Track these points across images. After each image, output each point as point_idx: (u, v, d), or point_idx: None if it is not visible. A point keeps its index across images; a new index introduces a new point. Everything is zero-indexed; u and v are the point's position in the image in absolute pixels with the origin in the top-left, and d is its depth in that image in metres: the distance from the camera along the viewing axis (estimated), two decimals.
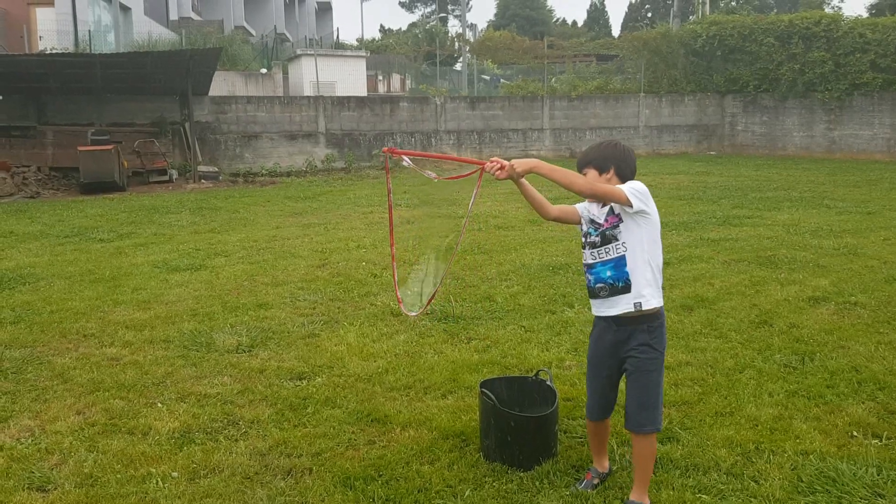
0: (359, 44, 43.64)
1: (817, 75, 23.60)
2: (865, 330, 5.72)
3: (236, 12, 44.92)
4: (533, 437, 3.70)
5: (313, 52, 27.10)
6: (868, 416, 4.18)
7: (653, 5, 64.42)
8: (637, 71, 27.36)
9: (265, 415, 4.38)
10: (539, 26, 59.82)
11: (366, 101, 23.85)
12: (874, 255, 8.38)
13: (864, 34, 22.80)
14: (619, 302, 3.21)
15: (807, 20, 24.14)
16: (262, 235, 10.69)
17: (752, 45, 24.84)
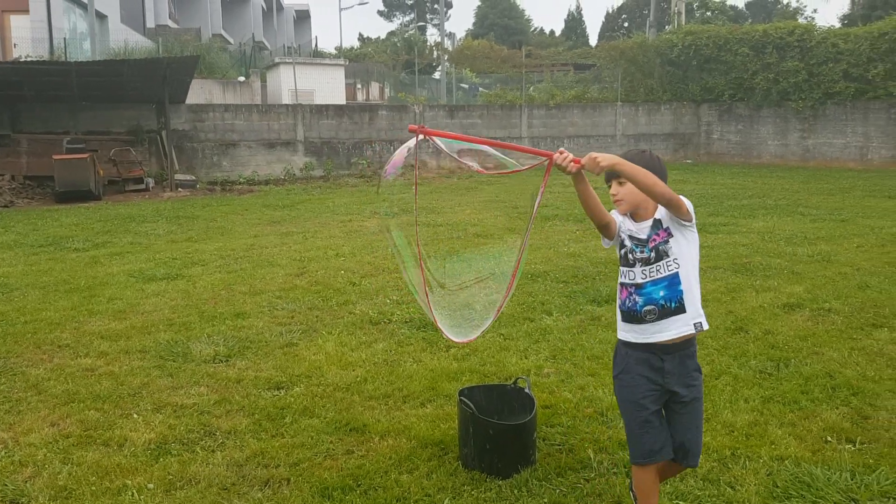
0: (337, 52, 43.64)
1: (791, 84, 23.92)
2: (839, 336, 5.79)
3: (214, 20, 44.76)
4: (512, 444, 3.71)
5: (291, 61, 27.06)
6: (842, 421, 4.23)
7: (629, 15, 65.01)
8: (614, 80, 27.58)
9: (242, 425, 4.35)
10: (517, 35, 60.13)
11: (344, 110, 23.84)
12: (847, 261, 8.49)
13: (837, 44, 23.15)
14: (671, 325, 2.91)
15: (781, 30, 24.47)
16: (240, 244, 10.63)
17: (727, 55, 25.13)
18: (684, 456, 3.03)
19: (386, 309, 6.88)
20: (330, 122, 22.95)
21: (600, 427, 4.22)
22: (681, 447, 3.01)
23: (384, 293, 7.48)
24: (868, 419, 4.27)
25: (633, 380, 2.97)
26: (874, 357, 5.30)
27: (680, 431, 3.01)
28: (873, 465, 3.69)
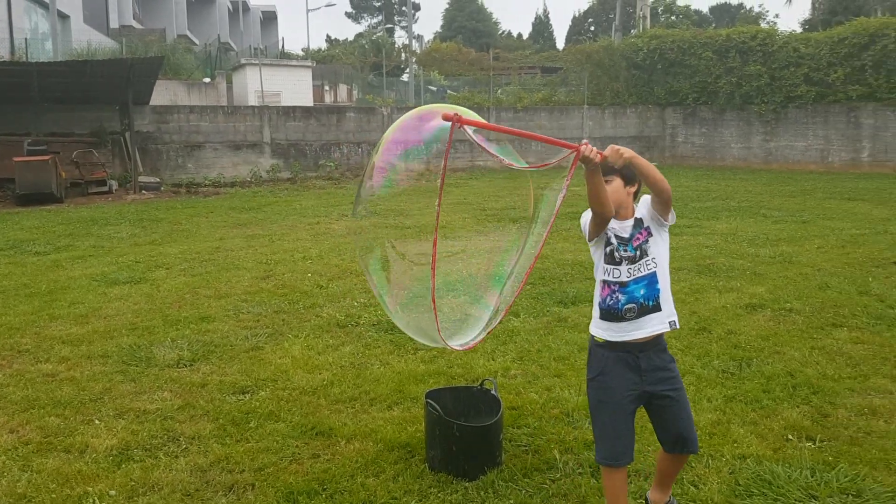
0: (304, 53, 43.39)
1: (754, 88, 24.29)
2: (800, 336, 5.89)
3: (179, 21, 44.30)
4: (478, 446, 3.72)
5: (258, 62, 26.85)
6: (802, 419, 4.30)
7: (596, 19, 65.59)
8: (581, 83, 27.78)
9: (206, 430, 4.30)
10: (485, 38, 60.34)
11: (312, 112, 23.72)
12: (808, 262, 8.64)
13: (798, 49, 23.57)
14: (648, 323, 2.99)
15: (743, 35, 24.84)
16: (205, 247, 10.52)
17: (691, 59, 25.45)
18: (684, 445, 3.09)
19: (353, 312, 6.85)
20: (297, 124, 22.83)
21: (566, 428, 4.25)
22: (678, 438, 3.07)
23: (352, 296, 7.45)
24: (828, 417, 4.35)
25: (612, 381, 3.01)
26: (834, 356, 5.40)
27: (673, 423, 3.07)
28: (833, 463, 3.75)
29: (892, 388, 4.77)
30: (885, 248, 9.50)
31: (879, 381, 4.90)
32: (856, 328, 6.06)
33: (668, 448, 3.15)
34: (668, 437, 3.10)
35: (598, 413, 3.07)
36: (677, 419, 3.07)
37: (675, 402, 3.06)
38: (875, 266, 8.41)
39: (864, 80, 22.34)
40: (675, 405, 3.06)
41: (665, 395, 3.03)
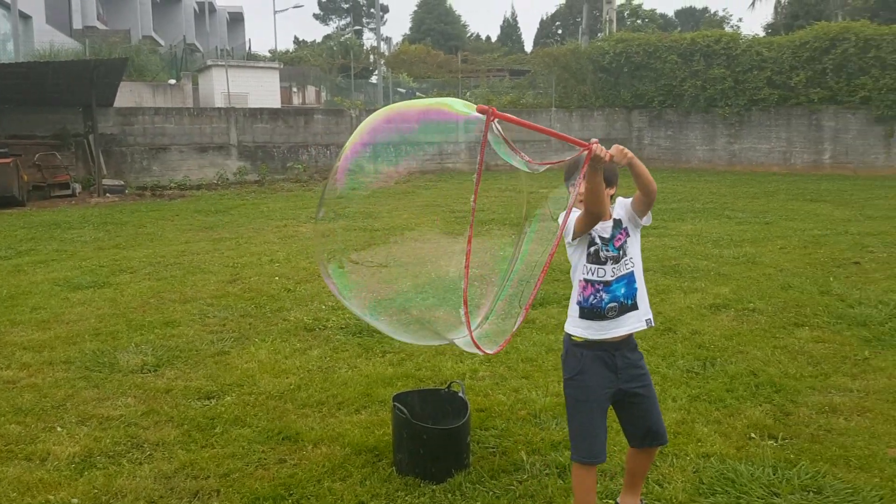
0: (272, 55, 43.11)
1: (718, 91, 24.63)
2: (763, 335, 5.98)
3: (144, 22, 43.76)
4: (445, 449, 3.72)
5: (224, 63, 26.63)
6: (765, 418, 4.37)
7: (563, 22, 66.05)
8: (549, 86, 27.96)
9: (171, 436, 4.25)
10: (454, 41, 60.46)
11: (279, 113, 23.57)
12: (771, 263, 8.78)
13: (761, 52, 23.95)
14: (626, 321, 3.06)
15: (708, 38, 25.19)
16: (170, 251, 10.39)
17: (656, 62, 25.74)
18: (654, 438, 3.18)
19: (321, 315, 6.82)
20: (265, 126, 22.67)
21: (533, 429, 4.27)
22: (648, 432, 3.17)
23: (319, 299, 7.41)
24: (790, 415, 4.43)
25: (590, 380, 3.06)
26: (796, 355, 5.49)
27: (644, 418, 3.16)
28: (794, 460, 3.82)
29: (851, 386, 4.86)
30: (846, 248, 9.68)
31: (840, 379, 4.99)
32: (817, 327, 6.17)
33: (637, 443, 3.22)
34: (639, 431, 3.17)
35: (576, 412, 3.12)
36: (648, 414, 3.16)
37: (646, 399, 3.15)
38: (836, 266, 8.58)
39: (826, 84, 22.78)
40: (645, 401, 3.15)
41: (637, 392, 3.12)
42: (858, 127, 22.80)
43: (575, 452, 3.12)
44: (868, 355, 5.45)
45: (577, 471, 3.14)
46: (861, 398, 4.66)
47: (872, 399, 4.63)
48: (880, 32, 21.94)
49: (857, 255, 9.17)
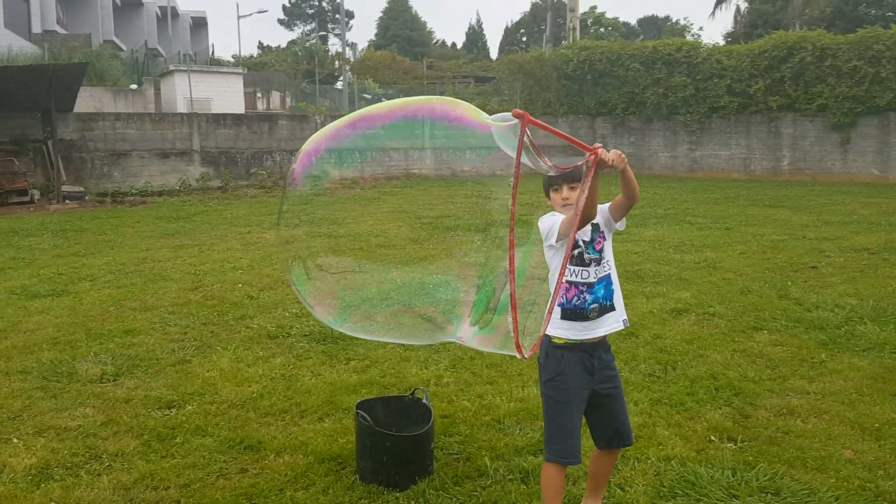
0: (235, 60, 42.78)
1: (679, 99, 24.99)
2: (722, 339, 6.08)
3: (105, 26, 43.12)
4: (409, 456, 3.71)
5: (187, 68, 26.36)
6: (724, 420, 4.43)
7: (528, 29, 66.55)
8: (514, 93, 28.11)
9: (130, 447, 4.18)
10: (419, 47, 60.58)
11: (243, 119, 23.38)
12: (731, 268, 8.92)
13: (721, 60, 24.36)
14: (605, 322, 3.14)
15: (669, 47, 25.55)
16: (131, 258, 10.24)
17: (619, 70, 26.04)
18: (621, 439, 3.26)
19: (285, 322, 6.77)
20: (228, 132, 22.46)
21: (497, 434, 4.28)
22: (616, 433, 3.24)
23: (283, 306, 7.36)
24: (748, 418, 4.50)
25: (570, 381, 3.11)
26: (755, 358, 5.58)
27: (614, 419, 3.22)
28: (753, 462, 3.88)
29: (809, 388, 4.96)
30: (804, 253, 9.88)
31: (797, 382, 5.08)
32: (775, 331, 6.29)
33: (604, 444, 3.27)
34: (607, 432, 3.23)
35: (556, 413, 3.15)
36: (618, 415, 3.23)
37: (616, 400, 3.23)
38: (794, 271, 8.74)
39: (784, 92, 23.23)
40: (616, 402, 3.23)
41: (609, 392, 3.19)
42: (816, 134, 23.28)
43: (551, 453, 3.15)
44: (825, 358, 5.56)
45: (550, 471, 3.16)
46: (818, 400, 4.75)
47: (829, 401, 4.73)
48: (836, 42, 22.45)
49: (815, 260, 9.36)
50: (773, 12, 35.23)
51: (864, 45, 21.81)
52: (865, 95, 21.91)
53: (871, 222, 12.73)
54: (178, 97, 25.30)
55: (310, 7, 72.16)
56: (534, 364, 5.48)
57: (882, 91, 21.64)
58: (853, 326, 6.29)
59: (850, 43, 22.11)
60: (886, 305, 6.95)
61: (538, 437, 4.21)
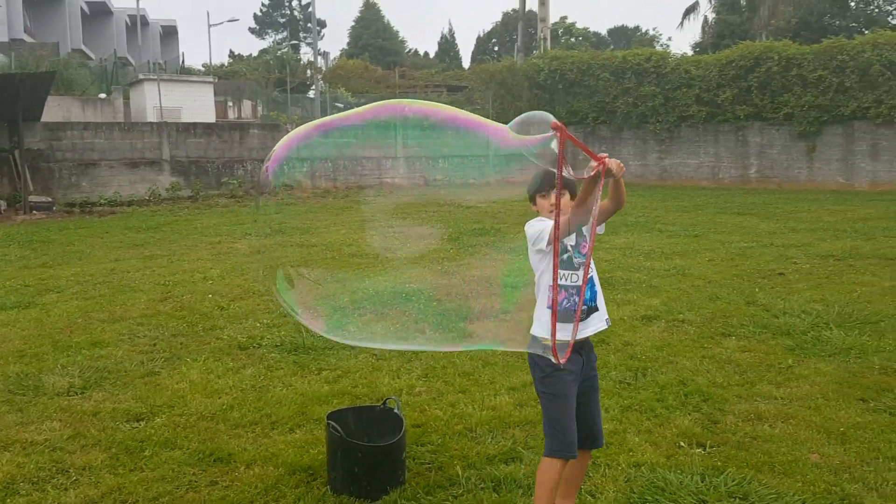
0: (206, 69, 42.49)
1: (649, 108, 25.29)
2: (692, 345, 6.14)
3: (73, 35, 42.67)
4: (380, 466, 3.71)
5: (156, 77, 26.13)
6: (693, 426, 4.48)
7: (499, 39, 66.91)
8: (486, 102, 28.25)
9: (98, 460, 4.13)
10: (392, 56, 60.63)
11: (214, 128, 23.21)
12: (700, 274, 9.03)
13: (689, 70, 24.71)
14: (592, 322, 3.24)
15: (638, 57, 25.86)
16: (99, 269, 10.11)
17: (590, 80, 26.29)
18: (594, 440, 3.34)
19: (256, 333, 6.72)
20: (198, 141, 22.28)
21: (469, 443, 4.29)
22: (591, 432, 3.31)
23: (254, 317, 7.31)
24: (717, 423, 4.55)
25: (566, 376, 3.16)
26: (723, 364, 5.65)
27: (589, 418, 3.30)
28: (721, 468, 3.92)
29: (776, 393, 5.02)
30: (771, 259, 10.03)
31: (765, 387, 5.15)
32: (743, 337, 6.37)
33: (579, 445, 3.26)
34: (584, 430, 3.26)
35: (554, 406, 3.18)
36: (594, 415, 3.34)
37: (594, 399, 3.34)
38: (761, 277, 8.87)
39: (751, 101, 23.61)
40: (593, 401, 3.34)
41: (587, 391, 3.29)
42: (782, 142, 23.68)
43: (553, 448, 3.16)
44: (791, 363, 5.64)
45: (549, 466, 3.17)
46: (785, 405, 4.82)
47: (795, 406, 4.80)
48: (801, 52, 22.88)
49: (782, 267, 9.51)
50: (740, 23, 35.78)
51: (828, 55, 22.25)
52: (830, 105, 22.34)
53: (836, 229, 12.96)
54: (148, 106, 25.07)
55: (281, 16, 71.91)
56: (506, 372, 5.52)
57: (846, 100, 22.08)
58: (819, 332, 6.40)
59: (815, 53, 22.54)
60: (851, 311, 7.07)
61: (510, 445, 4.23)
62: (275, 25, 72.09)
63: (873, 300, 7.59)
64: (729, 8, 36.57)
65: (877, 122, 21.83)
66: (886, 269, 9.28)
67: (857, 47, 21.89)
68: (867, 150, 22.36)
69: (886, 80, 21.36)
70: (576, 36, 53.83)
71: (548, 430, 3.22)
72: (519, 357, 5.83)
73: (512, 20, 57.98)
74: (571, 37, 53.22)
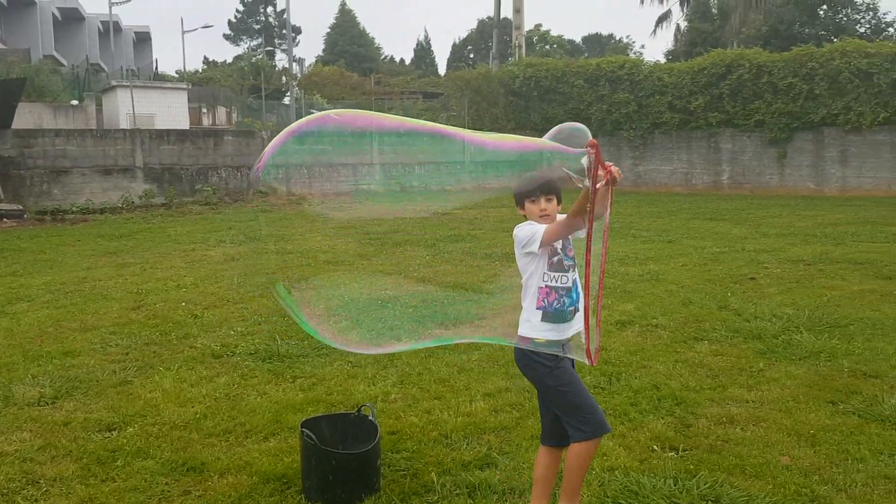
0: (179, 75, 42.21)
1: (623, 115, 25.51)
2: (665, 350, 6.20)
3: (45, 41, 42.23)
4: (355, 474, 3.70)
5: (129, 84, 25.92)
6: (666, 430, 4.52)
7: (475, 46, 67.18)
8: (461, 108, 28.33)
9: (69, 471, 4.08)
10: (367, 63, 60.64)
11: (187, 135, 23.05)
12: (673, 280, 9.11)
13: (662, 78, 24.97)
14: (576, 322, 3.31)
15: (612, 64, 26.09)
16: (71, 277, 9.99)
17: (564, 87, 26.47)
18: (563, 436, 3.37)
19: (230, 341, 6.68)
20: (172, 148, 22.10)
21: (444, 450, 4.29)
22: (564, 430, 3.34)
23: (228, 324, 7.26)
24: (690, 427, 4.59)
25: (567, 365, 3.30)
26: (696, 368, 5.71)
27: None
28: (694, 471, 3.96)
29: (747, 397, 5.08)
30: (743, 264, 10.15)
31: (736, 391, 5.21)
32: (715, 341, 6.44)
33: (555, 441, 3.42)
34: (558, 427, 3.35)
35: (571, 395, 3.27)
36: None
37: None
38: (733, 282, 8.97)
39: (723, 108, 23.91)
40: None
41: None
42: (754, 149, 23.99)
43: (590, 433, 3.23)
44: (763, 367, 5.71)
45: (588, 449, 3.26)
46: (756, 408, 4.87)
47: (766, 409, 4.86)
48: (772, 59, 23.22)
49: (753, 271, 9.63)
50: (712, 31, 36.23)
51: (798, 62, 22.60)
52: (800, 111, 22.68)
53: (807, 234, 13.15)
54: (121, 113, 24.86)
55: (256, 22, 71.68)
56: (481, 378, 5.53)
57: (816, 107, 22.42)
58: (790, 336, 6.48)
59: (786, 60, 22.89)
60: (821, 315, 7.18)
61: (485, 451, 4.24)
62: (249, 32, 71.86)
63: (842, 304, 7.71)
64: (701, 16, 37.03)
65: (846, 128, 22.20)
66: (855, 273, 9.43)
67: (826, 55, 22.26)
68: (837, 156, 22.72)
69: (855, 88, 21.74)
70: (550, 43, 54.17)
71: (577, 419, 3.24)
72: (494, 363, 5.86)
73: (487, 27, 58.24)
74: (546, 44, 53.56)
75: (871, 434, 4.41)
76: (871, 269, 9.66)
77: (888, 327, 6.77)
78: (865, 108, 21.66)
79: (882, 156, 22.07)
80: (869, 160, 22.26)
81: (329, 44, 67.90)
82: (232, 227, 15.17)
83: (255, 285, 9.09)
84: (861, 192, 22.00)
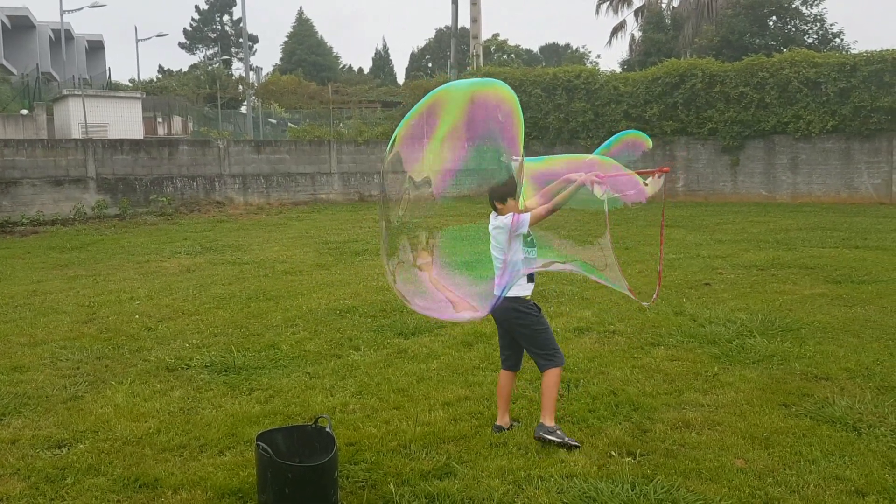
0: (133, 84, 41.55)
1: (580, 124, 25.75)
2: (622, 356, 6.25)
3: None
4: (311, 487, 3.65)
5: (81, 93, 25.43)
6: (624, 435, 4.55)
7: (433, 55, 67.39)
8: None
9: (17, 490, 3.96)
10: (326, 72, 60.36)
11: (142, 144, 22.66)
12: (630, 286, 9.17)
13: (618, 87, 25.28)
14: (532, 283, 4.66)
15: (569, 73, 26.34)
16: (20, 290, 9.73)
17: (522, 96, 26.59)
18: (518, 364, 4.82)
19: (184, 354, 6.56)
20: (125, 158, 21.69)
21: (403, 460, 4.26)
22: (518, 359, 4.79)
23: (183, 337, 7.14)
24: (647, 432, 4.63)
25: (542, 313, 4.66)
26: (652, 373, 5.77)
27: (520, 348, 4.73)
28: (651, 475, 3.99)
29: (703, 401, 5.15)
30: (698, 270, 10.30)
31: (692, 395, 5.28)
32: (672, 346, 6.51)
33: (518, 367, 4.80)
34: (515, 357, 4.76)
35: (548, 334, 4.64)
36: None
37: None
38: (689, 288, 9.10)
39: (677, 117, 24.28)
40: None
41: None
42: (708, 157, 24.41)
43: (556, 362, 4.57)
44: (717, 371, 5.79)
45: (557, 373, 4.57)
46: (711, 412, 4.94)
47: (721, 413, 4.92)
48: (724, 69, 23.67)
49: (708, 277, 9.78)
50: (666, 41, 36.79)
51: (749, 72, 23.07)
52: (752, 120, 23.13)
53: (759, 240, 13.40)
54: (73, 123, 24.36)
55: (212, 31, 70.90)
56: (440, 387, 5.51)
57: (767, 115, 22.90)
58: (744, 340, 6.59)
59: (737, 70, 23.34)
60: (774, 319, 7.31)
61: (444, 460, 4.23)
62: (205, 40, 71.02)
63: (794, 308, 7.87)
64: (655, 27, 37.57)
65: (795, 136, 22.71)
66: (806, 277, 9.64)
67: (775, 65, 22.76)
68: (787, 163, 23.23)
69: (804, 97, 22.26)
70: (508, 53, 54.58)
71: (548, 351, 4.56)
72: (453, 371, 5.86)
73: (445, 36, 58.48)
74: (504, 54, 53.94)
75: (822, 436, 4.49)
76: (822, 273, 9.88)
77: (838, 330, 6.92)
78: (814, 116, 22.19)
79: (831, 163, 22.62)
80: (818, 167, 22.80)
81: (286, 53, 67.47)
82: (188, 238, 14.93)
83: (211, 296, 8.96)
84: (811, 198, 22.51)
